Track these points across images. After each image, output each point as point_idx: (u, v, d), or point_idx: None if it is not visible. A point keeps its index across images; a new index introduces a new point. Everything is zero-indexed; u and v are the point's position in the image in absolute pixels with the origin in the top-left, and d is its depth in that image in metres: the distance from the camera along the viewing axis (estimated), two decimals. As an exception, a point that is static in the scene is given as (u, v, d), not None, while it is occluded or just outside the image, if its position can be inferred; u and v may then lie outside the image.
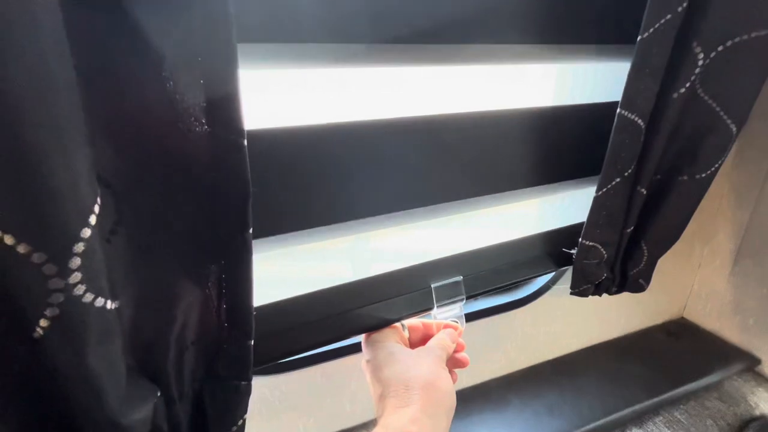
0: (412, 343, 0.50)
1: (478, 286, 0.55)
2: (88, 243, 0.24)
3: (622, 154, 0.48)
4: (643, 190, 0.52)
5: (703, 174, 0.52)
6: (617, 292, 0.62)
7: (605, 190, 0.51)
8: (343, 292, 0.47)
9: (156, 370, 0.34)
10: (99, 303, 0.25)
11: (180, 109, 0.28)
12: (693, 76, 0.46)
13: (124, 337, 0.29)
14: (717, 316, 0.84)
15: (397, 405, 0.38)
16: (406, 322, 0.51)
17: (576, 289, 0.59)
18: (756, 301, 0.77)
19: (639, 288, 0.62)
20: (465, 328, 0.52)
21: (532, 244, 0.58)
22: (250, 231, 0.33)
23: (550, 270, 0.61)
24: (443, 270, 0.52)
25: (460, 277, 0.53)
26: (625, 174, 0.50)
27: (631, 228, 0.55)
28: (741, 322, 0.80)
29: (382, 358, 0.44)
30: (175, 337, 0.34)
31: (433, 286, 0.51)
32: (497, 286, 0.57)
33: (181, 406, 0.36)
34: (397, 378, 0.41)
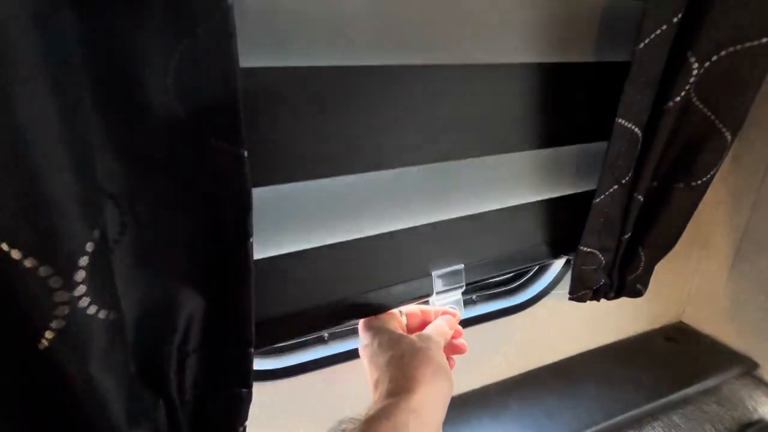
0: (410, 329, 0.50)
1: (478, 274, 0.54)
2: (93, 256, 0.24)
3: (620, 162, 0.49)
4: (641, 197, 0.53)
5: (699, 181, 0.53)
6: (615, 297, 0.63)
7: (603, 197, 0.51)
8: (343, 278, 0.46)
9: (158, 378, 0.34)
10: (103, 315, 0.25)
11: (182, 121, 0.29)
12: (688, 86, 0.47)
13: (127, 347, 0.30)
14: (715, 320, 0.84)
15: (394, 391, 0.38)
16: (404, 308, 0.51)
17: (574, 295, 0.60)
18: (754, 306, 0.77)
19: (637, 293, 0.62)
20: (464, 332, 0.52)
21: (533, 234, 0.57)
22: (251, 240, 0.33)
23: (550, 259, 0.61)
24: (444, 258, 0.52)
25: (462, 265, 0.53)
26: (623, 181, 0.50)
27: (629, 234, 0.56)
28: (739, 326, 0.80)
29: (380, 344, 0.43)
30: (176, 346, 0.34)
31: (434, 273, 0.51)
32: (497, 275, 0.57)
33: (182, 414, 0.36)
34: (395, 364, 0.40)
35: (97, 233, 0.24)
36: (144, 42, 0.26)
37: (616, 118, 0.47)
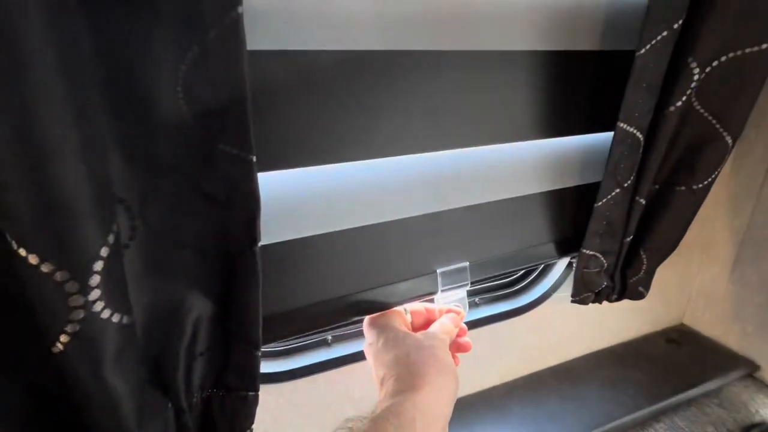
0: (415, 327, 0.50)
1: (483, 271, 0.54)
2: (107, 260, 0.25)
3: (622, 166, 0.49)
4: (642, 201, 0.53)
5: (700, 184, 0.53)
6: (617, 300, 0.63)
7: (605, 200, 0.52)
8: (347, 275, 0.46)
9: (166, 381, 0.34)
10: (116, 319, 0.26)
11: (191, 126, 0.29)
12: (689, 90, 0.47)
13: (139, 350, 0.30)
14: (716, 322, 0.85)
15: (400, 389, 0.38)
16: (409, 306, 0.51)
17: (577, 297, 0.60)
18: (755, 308, 0.77)
19: (639, 295, 0.63)
20: (469, 331, 0.52)
21: (538, 232, 0.57)
22: (259, 245, 0.34)
23: (555, 259, 0.60)
24: (449, 255, 0.51)
25: (467, 263, 0.52)
26: (625, 185, 0.51)
27: (631, 237, 0.56)
28: (740, 328, 0.81)
29: (386, 342, 0.43)
30: (184, 348, 0.35)
31: (439, 271, 0.51)
32: (502, 272, 0.56)
33: (189, 417, 0.36)
34: (401, 362, 0.40)
35: (111, 238, 0.25)
36: (154, 48, 0.27)
37: (617, 122, 0.47)
